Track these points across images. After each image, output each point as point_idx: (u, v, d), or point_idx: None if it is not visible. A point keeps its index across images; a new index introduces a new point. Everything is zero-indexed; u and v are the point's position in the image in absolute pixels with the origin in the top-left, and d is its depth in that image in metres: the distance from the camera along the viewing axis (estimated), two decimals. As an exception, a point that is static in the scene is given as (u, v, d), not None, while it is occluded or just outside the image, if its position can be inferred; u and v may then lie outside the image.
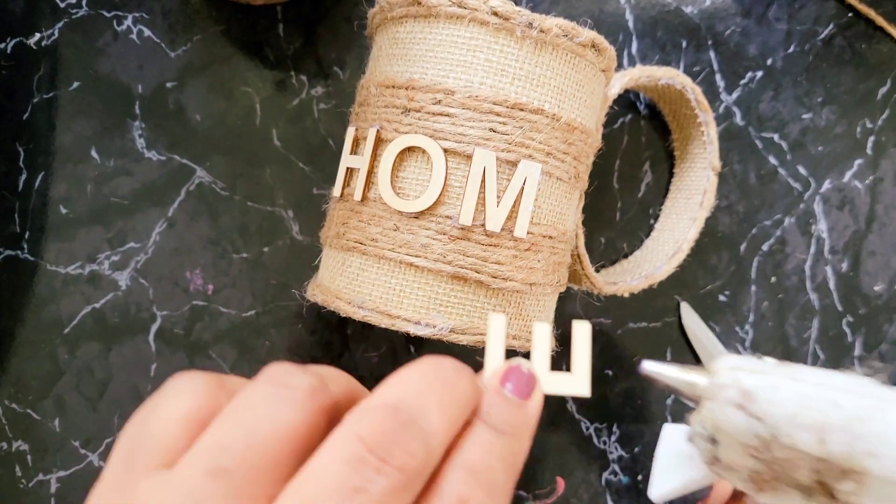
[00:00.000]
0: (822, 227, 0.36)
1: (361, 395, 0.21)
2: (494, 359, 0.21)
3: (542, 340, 0.21)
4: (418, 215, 0.24)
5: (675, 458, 0.22)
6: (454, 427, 0.18)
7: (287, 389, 0.17)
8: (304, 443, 0.17)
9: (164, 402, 0.18)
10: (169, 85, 0.33)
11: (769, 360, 0.19)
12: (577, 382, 0.20)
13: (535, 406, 0.20)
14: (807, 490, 0.18)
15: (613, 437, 0.35)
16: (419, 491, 0.16)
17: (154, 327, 0.33)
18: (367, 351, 0.34)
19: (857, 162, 0.36)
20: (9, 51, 0.33)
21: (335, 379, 0.20)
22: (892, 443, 0.16)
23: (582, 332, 0.21)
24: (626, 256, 0.35)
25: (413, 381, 0.18)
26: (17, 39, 0.33)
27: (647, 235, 0.36)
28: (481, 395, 0.19)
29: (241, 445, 0.16)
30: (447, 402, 0.18)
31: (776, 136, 0.36)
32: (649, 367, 0.21)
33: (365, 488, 0.15)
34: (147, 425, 0.18)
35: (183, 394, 0.18)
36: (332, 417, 0.18)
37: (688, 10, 0.35)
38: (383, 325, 0.25)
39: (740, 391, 0.19)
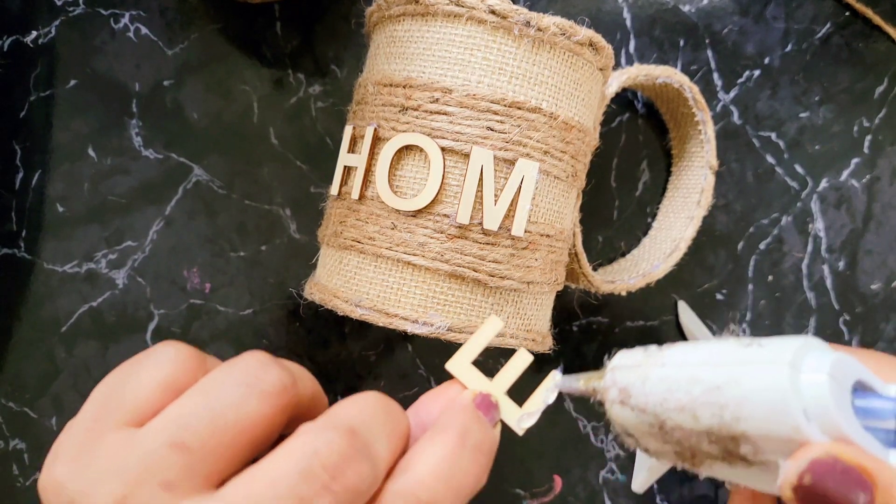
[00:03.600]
0: (819, 225, 0.36)
1: (322, 400, 0.21)
2: (468, 354, 0.22)
3: (517, 367, 0.22)
4: (416, 214, 0.24)
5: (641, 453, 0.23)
6: (395, 457, 0.19)
7: (260, 382, 0.18)
8: (264, 434, 0.18)
9: (146, 364, 0.19)
10: (166, 83, 0.33)
11: (651, 349, 0.20)
12: (517, 419, 0.21)
13: (498, 433, 0.21)
14: (723, 459, 0.18)
15: (611, 436, 0.35)
16: None
17: (151, 326, 0.33)
18: (365, 349, 0.34)
19: (855, 161, 0.36)
20: (5, 49, 0.33)
21: (304, 380, 0.20)
22: (749, 403, 0.17)
23: (549, 385, 0.22)
24: (623, 255, 0.35)
25: (369, 408, 0.19)
26: (14, 37, 0.33)
27: (645, 234, 0.36)
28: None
29: (206, 426, 0.17)
30: (394, 435, 0.19)
31: (773, 135, 0.36)
32: (560, 384, 0.22)
33: (310, 500, 0.16)
34: (126, 381, 0.18)
35: (165, 361, 0.19)
36: (293, 415, 0.19)
37: (685, 8, 0.35)
38: (381, 324, 0.25)
39: (619, 390, 0.19)
